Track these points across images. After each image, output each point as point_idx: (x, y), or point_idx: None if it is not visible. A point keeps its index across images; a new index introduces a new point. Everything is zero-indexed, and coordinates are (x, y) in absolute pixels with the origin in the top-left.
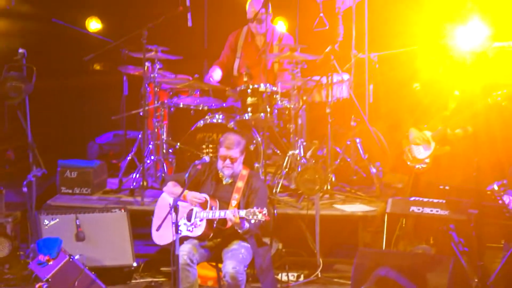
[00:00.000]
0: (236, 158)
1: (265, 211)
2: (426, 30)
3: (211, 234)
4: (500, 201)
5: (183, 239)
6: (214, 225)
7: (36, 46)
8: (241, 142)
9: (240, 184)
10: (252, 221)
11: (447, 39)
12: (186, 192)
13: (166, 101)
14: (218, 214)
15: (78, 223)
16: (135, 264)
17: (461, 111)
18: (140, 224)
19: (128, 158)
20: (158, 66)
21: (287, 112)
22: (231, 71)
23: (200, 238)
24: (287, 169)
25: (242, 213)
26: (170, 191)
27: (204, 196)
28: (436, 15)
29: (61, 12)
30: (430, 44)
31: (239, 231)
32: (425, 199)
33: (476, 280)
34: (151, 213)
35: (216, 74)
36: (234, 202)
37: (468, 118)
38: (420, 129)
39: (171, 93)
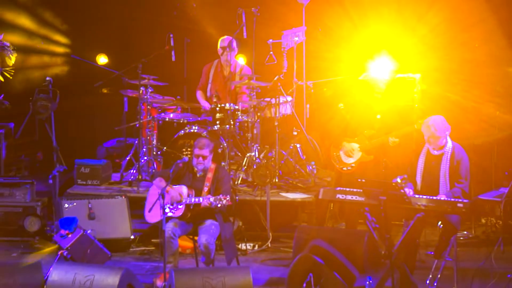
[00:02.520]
0: (206, 156)
1: (228, 197)
2: (348, 64)
3: (189, 215)
4: (401, 191)
5: (168, 219)
6: (191, 207)
7: (59, 75)
8: (210, 145)
9: (209, 175)
10: (219, 204)
11: (366, 72)
12: (170, 185)
13: (156, 116)
14: (193, 199)
15: (90, 206)
16: (132, 237)
17: (383, 130)
18: (136, 207)
19: (128, 158)
20: (150, 90)
21: (246, 125)
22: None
23: (180, 217)
24: (245, 167)
25: (212, 199)
26: (158, 183)
27: (182, 186)
28: (356, 53)
29: (78, 50)
30: (351, 75)
31: (211, 207)
32: (347, 189)
33: (384, 249)
34: (144, 199)
35: (204, 100)
36: (205, 189)
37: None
38: (349, 141)
39: (159, 110)
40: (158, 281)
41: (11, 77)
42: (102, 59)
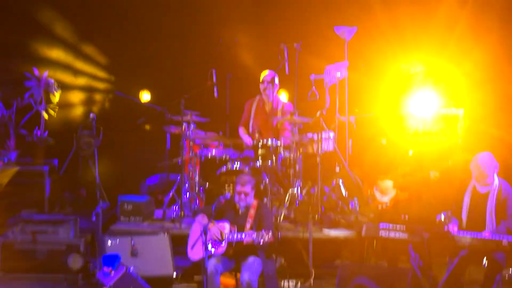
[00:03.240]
0: (248, 193)
1: (270, 233)
2: (389, 99)
3: (231, 251)
4: (445, 228)
5: (210, 256)
6: (233, 244)
7: (103, 111)
8: (252, 181)
9: (252, 211)
10: (261, 240)
11: (403, 107)
12: (212, 221)
13: (198, 152)
14: (236, 235)
15: (133, 243)
16: (174, 274)
17: (417, 166)
18: (179, 243)
19: (170, 194)
20: (192, 126)
21: (288, 161)
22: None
23: (223, 254)
24: (288, 203)
25: (254, 235)
26: (200, 220)
27: (225, 223)
28: (397, 88)
29: (121, 86)
30: (391, 111)
31: (254, 244)
32: (391, 225)
33: (428, 287)
34: (186, 236)
35: (247, 136)
36: (248, 226)
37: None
38: (382, 179)
39: (202, 146)
40: None
41: (55, 115)
42: (145, 96)
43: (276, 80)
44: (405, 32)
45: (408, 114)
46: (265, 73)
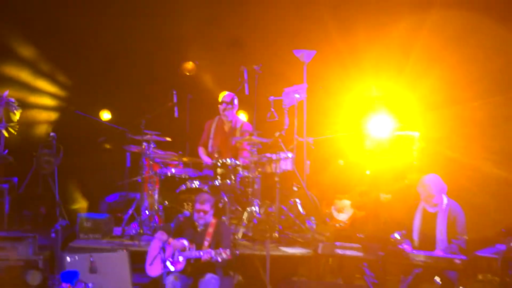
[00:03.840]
0: (207, 211)
1: (228, 251)
2: (347, 121)
3: (189, 269)
4: (400, 246)
5: (169, 273)
6: (192, 262)
7: (63, 131)
8: (211, 200)
9: (210, 229)
10: (219, 258)
11: (361, 129)
12: (171, 239)
13: (158, 171)
14: (194, 253)
15: (92, 259)
16: None
17: (374, 186)
18: (137, 261)
19: (129, 212)
20: (152, 146)
21: (247, 180)
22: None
23: (181, 272)
24: (246, 221)
25: (212, 253)
26: (159, 237)
27: (183, 240)
28: (355, 110)
29: (82, 106)
30: (349, 133)
31: (212, 261)
32: (346, 244)
33: None
34: (145, 253)
35: (206, 156)
36: (206, 244)
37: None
38: (340, 198)
39: (162, 165)
40: None
41: (15, 133)
42: (105, 115)
43: (235, 101)
44: (362, 57)
45: (366, 136)
46: (223, 94)
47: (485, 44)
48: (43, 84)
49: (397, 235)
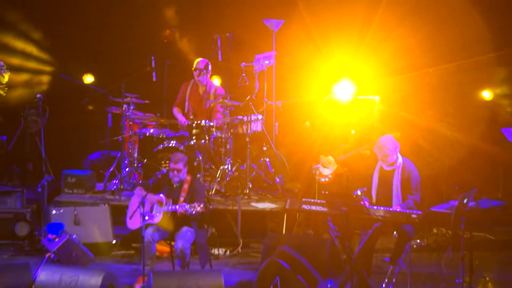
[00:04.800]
0: (181, 170)
1: (202, 205)
2: (314, 86)
3: (166, 222)
4: (361, 202)
5: (147, 225)
6: (168, 215)
7: (49, 93)
8: (184, 159)
9: (185, 186)
10: (193, 211)
11: (326, 93)
12: (149, 194)
13: (137, 131)
14: (170, 207)
15: (75, 213)
16: (114, 242)
17: (355, 143)
18: (118, 214)
19: (111, 169)
20: (132, 107)
21: (220, 140)
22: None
23: (158, 224)
24: (219, 179)
25: (187, 206)
26: (138, 193)
27: (161, 196)
28: (321, 76)
29: (66, 70)
30: (317, 96)
31: (187, 214)
32: (312, 200)
33: (344, 255)
34: (126, 207)
35: (182, 116)
36: (181, 199)
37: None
38: (326, 155)
39: (141, 125)
40: (137, 284)
41: (4, 94)
42: (88, 78)
43: (209, 67)
44: (327, 26)
45: (331, 100)
46: (197, 61)
47: (438, 16)
48: (31, 49)
49: (358, 192)
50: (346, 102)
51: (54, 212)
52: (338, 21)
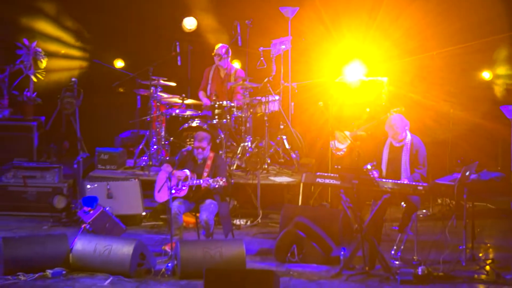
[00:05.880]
0: (204, 147)
1: (224, 179)
2: (327, 68)
3: (191, 195)
4: (371, 175)
5: (174, 198)
6: (193, 189)
7: (83, 77)
8: (207, 137)
9: (209, 162)
10: (216, 185)
11: (338, 75)
12: (175, 170)
13: (164, 111)
14: (195, 181)
15: (108, 187)
16: (144, 213)
17: (368, 121)
18: (147, 188)
19: (140, 147)
20: (159, 89)
21: (240, 119)
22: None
23: (184, 197)
24: (240, 155)
25: (210, 180)
26: (165, 169)
27: (186, 171)
28: (333, 59)
29: (99, 55)
30: (329, 78)
31: (210, 188)
32: (325, 174)
33: (356, 225)
34: (154, 182)
35: (205, 98)
36: (205, 174)
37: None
38: (341, 130)
39: (167, 106)
40: (167, 247)
41: (42, 78)
42: (119, 63)
43: (229, 52)
44: (338, 12)
45: (342, 81)
46: (217, 46)
47: (443, 1)
48: (66, 36)
49: (368, 166)
50: (356, 83)
51: (88, 186)
52: (348, 6)
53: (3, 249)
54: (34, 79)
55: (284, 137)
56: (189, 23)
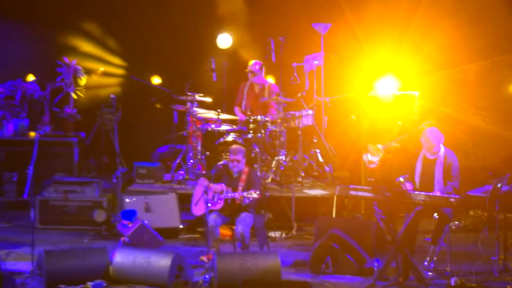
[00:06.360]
0: (239, 161)
1: (258, 192)
2: (358, 83)
3: (227, 208)
4: (404, 188)
5: (210, 211)
6: (229, 202)
7: (122, 93)
8: (243, 151)
9: (243, 176)
10: (251, 198)
11: (369, 90)
12: (212, 183)
13: (200, 126)
14: (230, 195)
15: (146, 201)
16: (181, 226)
17: (400, 134)
18: (184, 202)
19: (177, 161)
20: (195, 105)
21: (274, 133)
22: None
23: (220, 210)
24: (274, 168)
25: (245, 193)
26: (202, 182)
27: (222, 185)
28: (365, 74)
29: (136, 72)
30: (362, 92)
31: (243, 205)
32: (359, 186)
33: (389, 236)
34: (191, 195)
35: (240, 113)
36: (240, 188)
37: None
38: (374, 143)
39: (203, 121)
40: (205, 258)
41: (82, 95)
42: (156, 80)
43: (262, 68)
44: (370, 28)
45: (374, 95)
46: (251, 63)
47: (474, 16)
48: (105, 54)
49: (401, 178)
50: (388, 97)
51: (127, 200)
52: (380, 21)
53: (45, 261)
54: (74, 96)
55: (318, 150)
56: (224, 40)
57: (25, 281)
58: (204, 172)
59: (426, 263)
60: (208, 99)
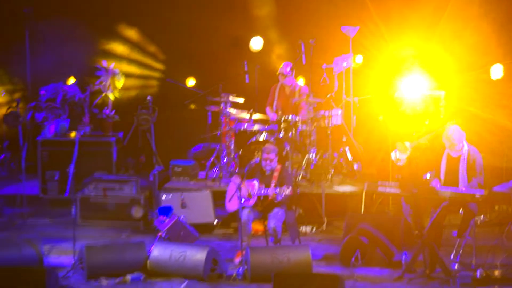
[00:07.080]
0: (272, 159)
1: (290, 188)
2: (385, 84)
3: (259, 204)
4: (430, 184)
5: (243, 207)
6: (261, 198)
7: (158, 95)
8: (275, 150)
9: (276, 174)
10: (283, 195)
11: (395, 90)
12: (245, 181)
13: (233, 126)
14: (263, 191)
15: (182, 197)
16: (215, 222)
17: (427, 132)
18: (218, 198)
19: (211, 160)
20: (228, 106)
21: (305, 133)
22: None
23: (253, 206)
24: (305, 166)
25: (277, 190)
26: (235, 180)
27: (254, 182)
28: (391, 75)
29: (172, 75)
30: (389, 92)
31: (275, 201)
32: (386, 182)
33: (416, 231)
34: (224, 192)
35: (272, 113)
36: (272, 185)
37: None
38: (402, 141)
39: (236, 121)
40: (236, 258)
41: (120, 97)
42: (191, 82)
43: (293, 70)
44: (397, 30)
45: (400, 95)
46: (282, 65)
47: (503, 16)
48: (142, 58)
49: (428, 175)
50: (415, 97)
51: (164, 197)
52: (408, 23)
53: (86, 255)
54: (112, 98)
55: (347, 148)
56: (256, 43)
57: (67, 274)
58: (237, 170)
59: (452, 256)
60: (241, 100)
